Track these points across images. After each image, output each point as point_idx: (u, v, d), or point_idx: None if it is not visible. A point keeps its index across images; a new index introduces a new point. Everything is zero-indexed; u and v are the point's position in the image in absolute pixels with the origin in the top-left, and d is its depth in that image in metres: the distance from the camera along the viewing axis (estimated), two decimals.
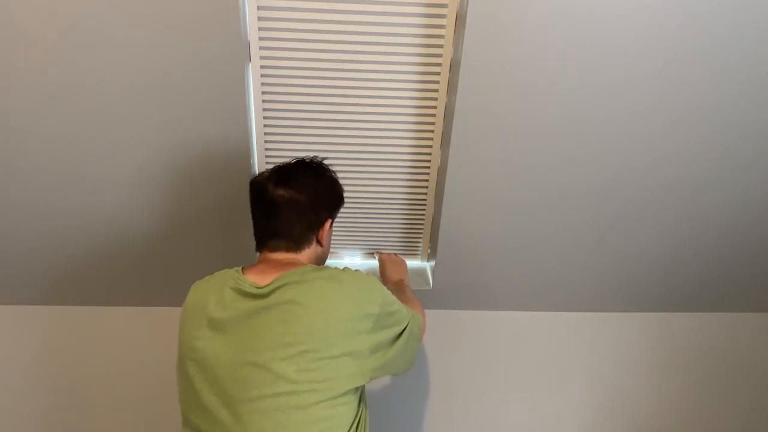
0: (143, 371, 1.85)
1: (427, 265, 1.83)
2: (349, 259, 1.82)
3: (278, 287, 1.08)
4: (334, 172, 1.30)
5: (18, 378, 1.85)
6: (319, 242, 1.25)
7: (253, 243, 1.62)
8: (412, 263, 1.83)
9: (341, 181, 1.58)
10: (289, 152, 1.53)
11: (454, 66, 1.36)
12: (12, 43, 1.23)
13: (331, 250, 1.78)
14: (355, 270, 1.16)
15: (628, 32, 1.25)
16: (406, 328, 1.18)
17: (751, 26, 1.26)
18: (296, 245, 1.21)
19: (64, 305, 1.80)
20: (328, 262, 1.70)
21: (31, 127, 1.37)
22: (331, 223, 1.28)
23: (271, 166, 1.28)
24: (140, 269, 1.70)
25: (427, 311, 1.81)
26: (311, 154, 1.49)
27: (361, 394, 1.17)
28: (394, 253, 1.75)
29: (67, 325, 1.82)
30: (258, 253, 1.24)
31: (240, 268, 1.17)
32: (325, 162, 1.29)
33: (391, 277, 1.58)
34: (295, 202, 1.19)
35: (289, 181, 1.20)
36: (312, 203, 1.22)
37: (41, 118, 1.35)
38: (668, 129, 1.43)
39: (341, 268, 1.16)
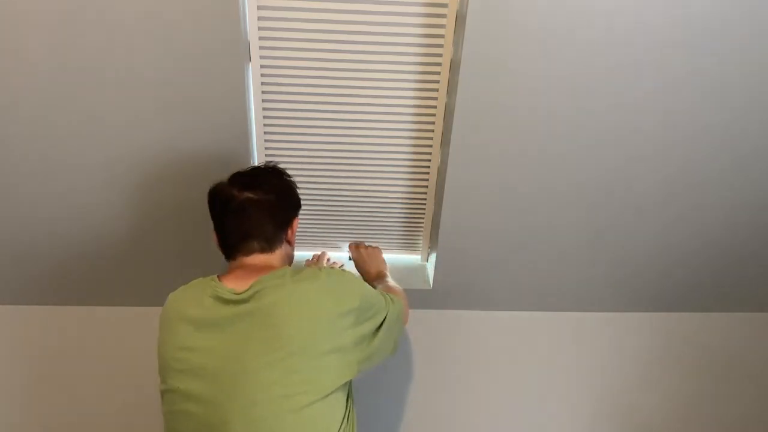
0: (141, 371, 1.84)
1: (427, 265, 1.83)
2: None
3: (257, 291, 1.08)
4: (290, 175, 1.31)
5: (17, 378, 1.85)
6: (288, 241, 1.26)
7: None
8: (412, 262, 1.83)
9: (342, 181, 1.58)
10: (289, 152, 1.53)
11: (454, 66, 1.36)
12: (8, 42, 1.23)
13: (332, 247, 1.78)
14: (331, 268, 1.18)
15: (629, 33, 1.25)
16: (386, 317, 1.20)
17: (752, 25, 1.26)
18: (269, 245, 1.21)
19: (63, 305, 1.80)
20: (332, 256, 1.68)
21: (28, 127, 1.37)
22: (297, 223, 1.30)
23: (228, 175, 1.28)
24: (139, 269, 1.70)
25: (427, 311, 1.82)
26: (311, 154, 1.50)
27: (349, 390, 1.18)
28: (366, 244, 1.68)
29: (66, 325, 1.82)
30: (228, 261, 1.23)
31: (215, 276, 1.17)
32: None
33: (369, 271, 1.56)
34: (264, 203, 1.20)
35: (254, 183, 1.21)
36: (280, 202, 1.23)
37: (41, 118, 1.35)
38: (668, 129, 1.43)
39: (317, 268, 1.17)
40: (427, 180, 1.61)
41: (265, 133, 1.50)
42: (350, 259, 1.64)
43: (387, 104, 1.46)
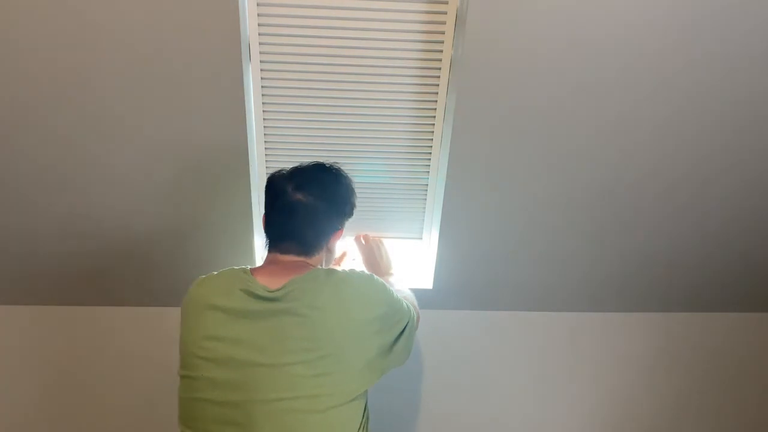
0: (143, 371, 1.85)
1: (428, 265, 1.83)
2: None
3: (290, 291, 1.09)
4: (351, 180, 1.28)
5: (18, 378, 1.85)
6: (328, 249, 1.26)
7: (253, 244, 1.64)
8: (412, 263, 1.83)
9: None
10: (288, 152, 1.53)
11: (454, 66, 1.36)
12: (14, 44, 1.23)
13: None
14: (361, 271, 1.18)
15: (629, 33, 1.25)
16: (407, 325, 1.20)
17: (752, 30, 1.26)
18: (307, 250, 1.20)
19: (63, 305, 1.80)
20: None
21: (31, 129, 1.37)
22: (342, 232, 1.27)
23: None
24: (139, 270, 1.70)
25: (427, 311, 1.82)
26: (311, 155, 1.50)
27: (366, 397, 1.18)
28: (372, 237, 1.65)
29: (66, 326, 1.82)
30: (266, 251, 1.23)
31: (247, 268, 1.16)
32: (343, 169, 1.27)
33: (379, 264, 1.56)
34: (312, 208, 1.18)
35: (309, 186, 1.19)
36: (329, 211, 1.21)
37: (41, 120, 1.35)
38: (669, 131, 1.43)
39: (348, 270, 1.17)
40: (428, 180, 1.61)
41: (265, 133, 1.50)
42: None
43: (387, 104, 1.46)
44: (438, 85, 1.43)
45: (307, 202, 1.17)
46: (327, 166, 1.25)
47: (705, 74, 1.33)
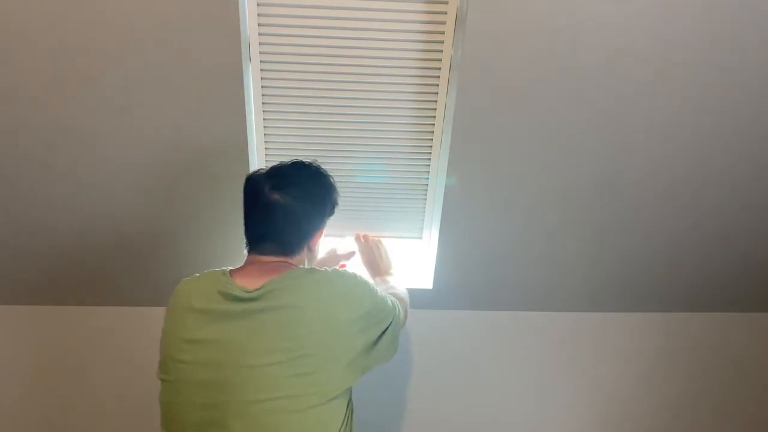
0: (143, 371, 1.84)
1: (428, 265, 1.83)
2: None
3: (269, 291, 1.08)
4: (332, 177, 1.26)
5: (16, 378, 1.85)
6: (309, 248, 1.24)
7: None
8: (412, 263, 1.83)
9: (341, 183, 1.57)
10: (289, 152, 1.53)
11: (454, 66, 1.36)
12: (14, 44, 1.23)
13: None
14: (343, 270, 1.17)
15: (629, 33, 1.25)
16: (390, 323, 1.19)
17: (750, 30, 1.26)
18: (288, 250, 1.18)
19: (63, 305, 1.80)
20: None
21: (30, 128, 1.37)
22: (323, 231, 1.27)
23: (270, 166, 1.27)
24: (138, 269, 1.70)
25: (427, 311, 1.82)
26: (310, 155, 1.50)
27: (350, 395, 1.18)
28: (371, 237, 1.65)
29: (66, 325, 1.82)
30: (246, 252, 1.22)
31: (227, 270, 1.15)
32: (323, 166, 1.26)
33: (378, 264, 1.56)
34: (290, 209, 1.16)
35: (287, 186, 1.17)
36: (308, 211, 1.19)
37: (41, 119, 1.35)
38: (669, 131, 1.43)
39: (330, 270, 1.16)
40: (428, 180, 1.61)
41: (265, 133, 1.50)
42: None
43: (387, 104, 1.46)
44: (438, 85, 1.43)
45: (284, 203, 1.15)
46: (305, 164, 1.23)
47: (705, 74, 1.33)
